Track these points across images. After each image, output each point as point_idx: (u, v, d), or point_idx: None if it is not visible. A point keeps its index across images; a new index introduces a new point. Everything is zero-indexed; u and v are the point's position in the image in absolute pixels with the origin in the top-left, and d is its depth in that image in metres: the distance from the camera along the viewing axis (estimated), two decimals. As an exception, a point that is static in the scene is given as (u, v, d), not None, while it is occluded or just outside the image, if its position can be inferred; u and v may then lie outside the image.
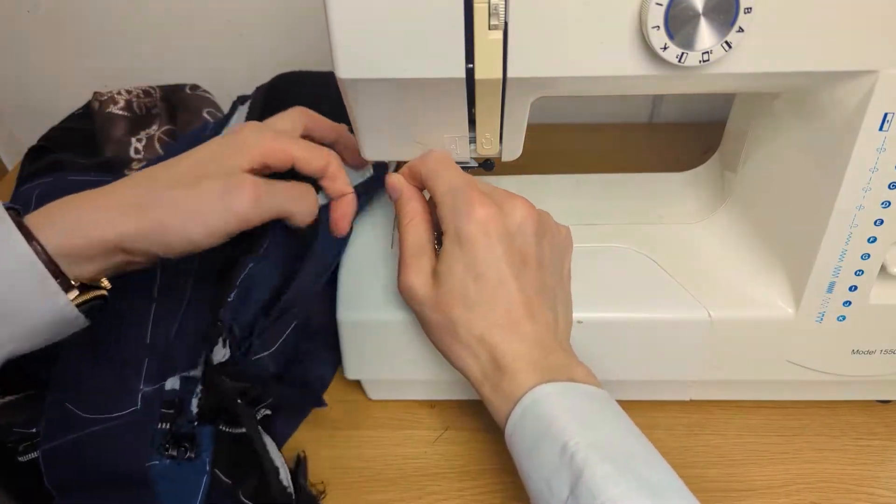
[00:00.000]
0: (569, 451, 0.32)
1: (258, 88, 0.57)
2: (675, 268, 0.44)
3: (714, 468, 0.44)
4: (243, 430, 0.40)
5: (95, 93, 0.61)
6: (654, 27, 0.31)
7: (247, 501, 0.40)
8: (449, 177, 0.39)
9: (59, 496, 0.39)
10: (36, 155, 0.56)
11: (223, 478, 0.40)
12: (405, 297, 0.39)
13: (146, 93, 0.62)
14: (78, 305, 0.35)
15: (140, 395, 0.41)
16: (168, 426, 0.40)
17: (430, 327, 0.39)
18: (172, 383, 0.41)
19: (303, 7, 0.69)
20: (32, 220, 0.35)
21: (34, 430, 0.40)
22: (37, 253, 0.34)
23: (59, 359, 0.41)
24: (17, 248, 0.34)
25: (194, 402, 0.41)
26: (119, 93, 0.61)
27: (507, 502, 0.43)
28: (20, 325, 0.35)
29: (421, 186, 0.41)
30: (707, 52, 0.32)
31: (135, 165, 0.55)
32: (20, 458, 0.40)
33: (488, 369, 0.37)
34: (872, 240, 0.39)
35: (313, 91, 0.56)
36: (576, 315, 0.42)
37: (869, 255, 0.39)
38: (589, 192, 0.52)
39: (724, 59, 0.33)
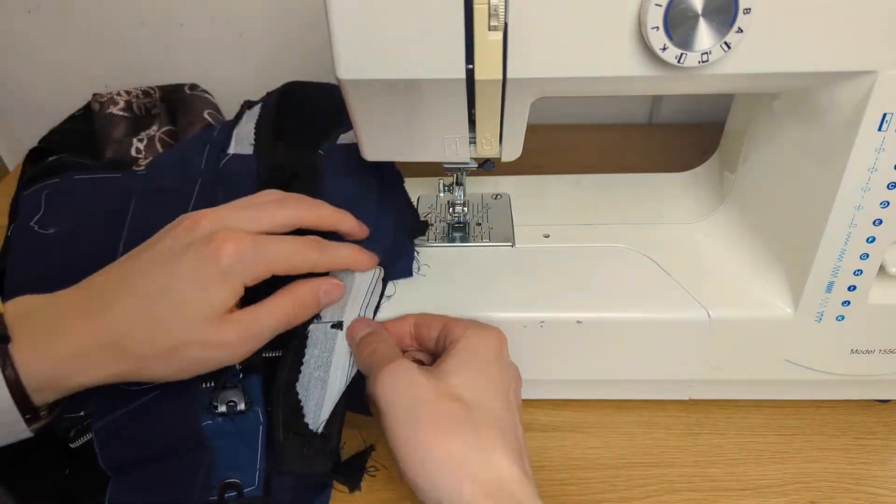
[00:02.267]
0: None
1: (269, 94, 0.57)
2: (675, 268, 0.45)
3: (714, 467, 0.44)
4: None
5: (95, 94, 0.61)
6: (653, 28, 0.31)
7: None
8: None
9: (115, 476, 0.38)
10: (37, 157, 0.56)
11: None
12: (394, 384, 0.34)
13: (146, 93, 0.63)
14: None
15: None
16: (212, 384, 0.40)
17: (419, 422, 0.33)
18: None
19: (303, 8, 0.69)
20: (16, 347, 0.32)
21: (82, 414, 0.40)
22: (11, 390, 0.32)
23: None
24: None
25: None
26: (119, 94, 0.61)
27: (507, 501, 0.43)
28: None
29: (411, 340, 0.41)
30: (706, 53, 0.32)
31: (142, 161, 0.55)
32: (71, 445, 0.40)
33: (493, 490, 0.31)
34: (871, 240, 0.39)
35: (322, 105, 0.56)
36: (576, 315, 0.42)
37: (868, 255, 0.39)
38: (589, 193, 0.52)
39: (723, 60, 0.33)
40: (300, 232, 0.40)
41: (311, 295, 0.39)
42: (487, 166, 0.44)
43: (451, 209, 0.49)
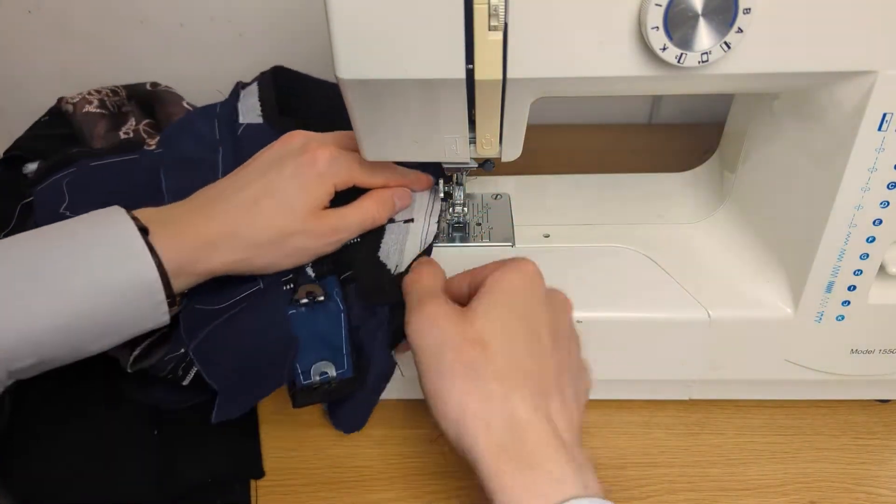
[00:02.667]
0: None
1: (262, 74, 0.58)
2: (675, 268, 0.45)
3: (714, 467, 0.44)
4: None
5: (61, 98, 0.60)
6: (653, 28, 0.31)
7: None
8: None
9: (222, 389, 0.41)
10: (7, 165, 0.55)
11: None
12: (422, 328, 0.34)
13: (114, 92, 0.63)
14: None
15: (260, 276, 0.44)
16: (292, 286, 0.43)
17: (442, 370, 0.33)
18: None
19: (303, 7, 0.69)
20: (154, 238, 0.37)
21: (182, 351, 0.42)
22: (159, 271, 0.37)
23: None
24: (143, 265, 0.37)
25: (308, 267, 0.44)
26: (90, 93, 0.60)
27: (507, 501, 0.43)
28: (121, 336, 0.38)
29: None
30: (706, 53, 0.32)
31: (150, 142, 0.55)
32: (183, 384, 0.42)
33: (506, 440, 0.31)
34: (871, 240, 0.39)
35: (314, 94, 0.57)
36: (576, 315, 0.42)
37: (868, 255, 0.39)
38: (588, 193, 0.52)
39: (723, 60, 0.33)
40: None
41: (388, 197, 0.45)
42: (487, 166, 0.44)
43: (451, 209, 0.49)
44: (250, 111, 0.55)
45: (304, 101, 0.58)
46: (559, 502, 0.29)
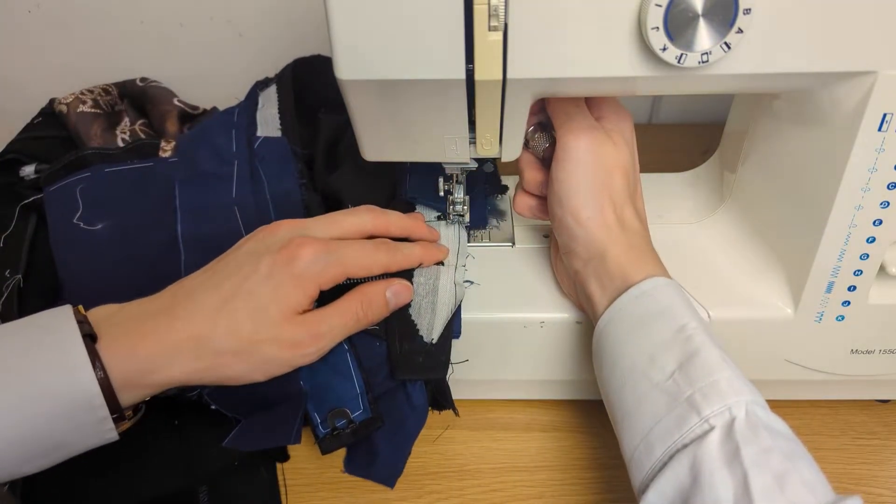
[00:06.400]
0: (686, 331, 0.35)
1: (281, 73, 0.58)
2: (675, 268, 0.44)
3: (713, 467, 0.44)
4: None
5: (53, 99, 0.60)
6: (653, 28, 0.31)
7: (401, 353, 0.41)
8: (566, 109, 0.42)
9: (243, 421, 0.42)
10: (2, 168, 0.55)
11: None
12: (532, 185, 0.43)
13: (105, 91, 0.62)
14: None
15: None
16: None
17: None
18: None
19: (303, 8, 0.69)
20: (103, 345, 0.34)
21: (198, 391, 0.41)
22: (101, 386, 0.33)
23: None
24: (84, 380, 0.32)
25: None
26: (82, 93, 0.60)
27: (507, 502, 0.43)
28: (60, 454, 0.34)
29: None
30: (706, 53, 0.32)
31: (165, 147, 0.55)
32: (212, 407, 0.42)
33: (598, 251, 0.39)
34: (871, 240, 0.39)
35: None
36: (576, 315, 0.42)
37: (868, 256, 0.39)
38: (589, 192, 0.52)
39: (723, 60, 0.33)
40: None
41: (379, 294, 0.39)
42: (487, 166, 0.44)
43: (451, 209, 0.49)
44: (269, 123, 0.55)
45: (326, 94, 0.57)
46: (638, 279, 0.38)
